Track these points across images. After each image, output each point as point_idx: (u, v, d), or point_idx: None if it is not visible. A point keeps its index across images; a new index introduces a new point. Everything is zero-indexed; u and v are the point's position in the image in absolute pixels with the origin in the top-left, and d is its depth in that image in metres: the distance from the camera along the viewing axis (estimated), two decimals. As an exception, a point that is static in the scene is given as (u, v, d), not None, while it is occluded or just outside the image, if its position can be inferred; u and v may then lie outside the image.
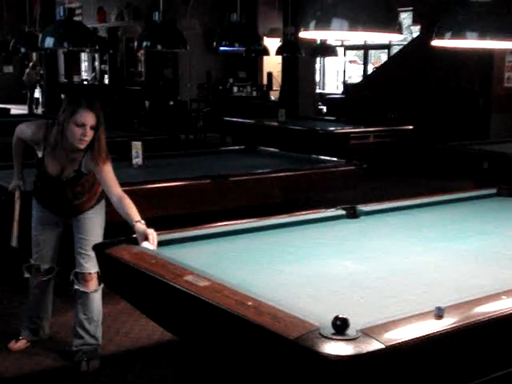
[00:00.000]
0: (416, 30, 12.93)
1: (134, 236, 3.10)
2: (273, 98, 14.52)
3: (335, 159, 5.82)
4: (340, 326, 2.05)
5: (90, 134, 3.47)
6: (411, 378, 2.14)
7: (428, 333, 2.12)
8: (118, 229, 3.31)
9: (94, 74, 18.78)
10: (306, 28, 2.78)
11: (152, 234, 3.06)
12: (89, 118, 3.44)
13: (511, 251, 3.13)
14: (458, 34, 3.28)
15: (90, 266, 3.68)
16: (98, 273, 3.68)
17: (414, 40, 12.24)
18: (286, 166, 5.62)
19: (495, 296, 2.42)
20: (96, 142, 3.52)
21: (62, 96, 12.44)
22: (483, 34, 3.21)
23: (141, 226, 3.16)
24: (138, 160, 5.37)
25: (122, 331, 4.19)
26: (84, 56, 19.62)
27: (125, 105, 14.44)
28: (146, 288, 2.79)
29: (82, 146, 3.51)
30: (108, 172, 3.55)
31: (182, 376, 3.65)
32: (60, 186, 3.65)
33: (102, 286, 3.72)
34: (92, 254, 3.65)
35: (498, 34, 3.27)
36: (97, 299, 3.75)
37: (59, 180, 3.63)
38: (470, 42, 3.34)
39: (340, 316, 2.07)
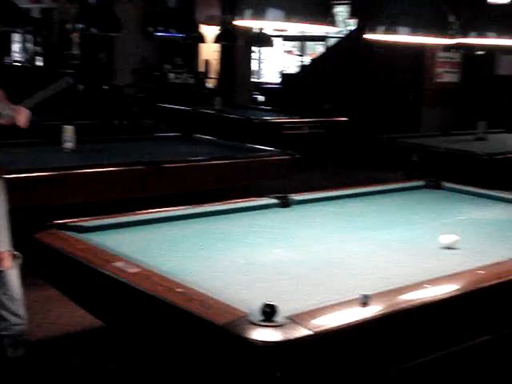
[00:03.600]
0: (352, 24, 13.08)
1: (63, 221, 3.06)
2: (209, 85, 14.46)
3: (269, 148, 5.86)
4: (268, 313, 2.08)
5: None
6: (338, 364, 2.18)
7: (354, 320, 2.17)
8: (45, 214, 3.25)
9: (27, 55, 18.29)
10: (242, 16, 2.79)
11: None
12: None
13: (435, 242, 3.22)
14: (390, 28, 3.35)
15: None
16: (10, 251, 3.61)
17: (350, 33, 12.39)
18: (221, 154, 5.62)
19: (419, 284, 2.49)
20: None
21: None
22: (414, 29, 3.29)
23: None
24: (69, 144, 5.27)
25: (50, 318, 4.13)
26: (16, 37, 19.05)
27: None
28: (75, 274, 2.76)
29: None
30: None
31: (111, 363, 3.62)
32: None
33: (18, 262, 3.64)
34: None
35: (428, 30, 3.36)
36: (14, 276, 3.65)
37: None
38: (402, 37, 3.41)
39: (268, 303, 2.10)
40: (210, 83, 14.47)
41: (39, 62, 17.44)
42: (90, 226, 3.08)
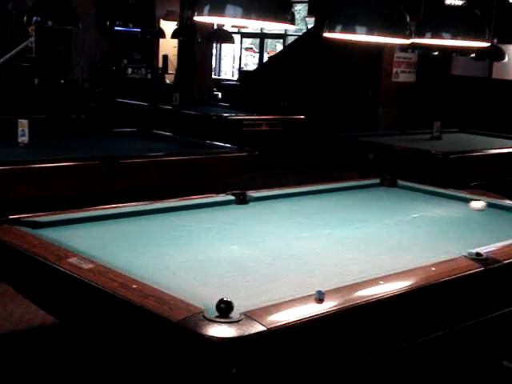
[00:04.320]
0: (311, 22, 13.16)
1: (17, 216, 3.01)
2: (168, 81, 14.37)
3: (228, 145, 5.86)
4: (224, 309, 2.08)
5: None
6: (293, 360, 2.20)
7: (309, 315, 2.18)
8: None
9: (-21, 47, 17.89)
10: (200, 12, 2.78)
11: None
12: None
13: (390, 239, 3.27)
14: (347, 27, 3.37)
15: None
16: None
17: (308, 31, 12.46)
18: (179, 150, 5.60)
19: (373, 281, 2.52)
20: None
21: None
22: (371, 28, 3.32)
23: None
24: (24, 138, 5.19)
25: (3, 314, 4.05)
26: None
27: (13, 81, 13.85)
28: (28, 270, 2.72)
29: None
30: None
31: (64, 360, 3.58)
32: None
33: None
34: None
35: (384, 30, 3.39)
36: None
37: None
38: (359, 36, 3.44)
39: (224, 299, 2.10)
40: (169, 79, 14.39)
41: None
42: (44, 222, 3.04)
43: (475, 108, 10.26)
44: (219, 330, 2.00)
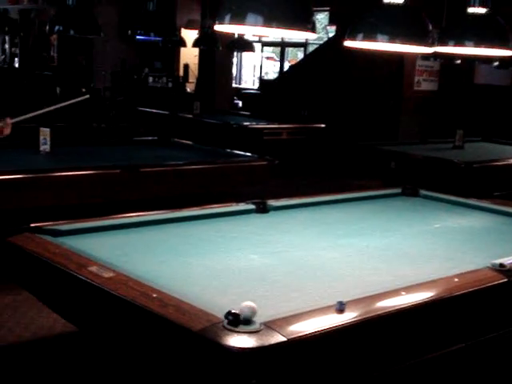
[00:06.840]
0: (332, 30, 13.14)
1: (38, 225, 3.02)
2: (188, 90, 14.43)
3: (248, 154, 5.85)
4: (231, 321, 2.06)
5: None
6: (313, 370, 2.18)
7: (329, 326, 2.16)
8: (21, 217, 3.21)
9: (3, 56, 18.11)
10: (221, 21, 2.78)
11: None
12: None
13: (412, 249, 3.23)
14: (369, 36, 3.35)
15: None
16: None
17: (329, 40, 12.44)
18: (199, 158, 5.60)
19: (395, 292, 2.50)
20: None
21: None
22: (393, 37, 3.30)
23: None
24: (45, 147, 5.23)
25: (23, 322, 4.07)
26: (-6, 38, 18.85)
27: (35, 90, 13.99)
28: (49, 278, 2.73)
29: None
30: None
31: (84, 368, 3.58)
32: None
33: None
34: None
35: (407, 39, 3.37)
36: None
37: None
38: (381, 45, 3.42)
39: (232, 311, 2.08)
40: (190, 88, 14.45)
41: (17, 64, 17.30)
42: (65, 230, 3.04)
43: (498, 117, 10.17)
44: (239, 340, 1.98)
